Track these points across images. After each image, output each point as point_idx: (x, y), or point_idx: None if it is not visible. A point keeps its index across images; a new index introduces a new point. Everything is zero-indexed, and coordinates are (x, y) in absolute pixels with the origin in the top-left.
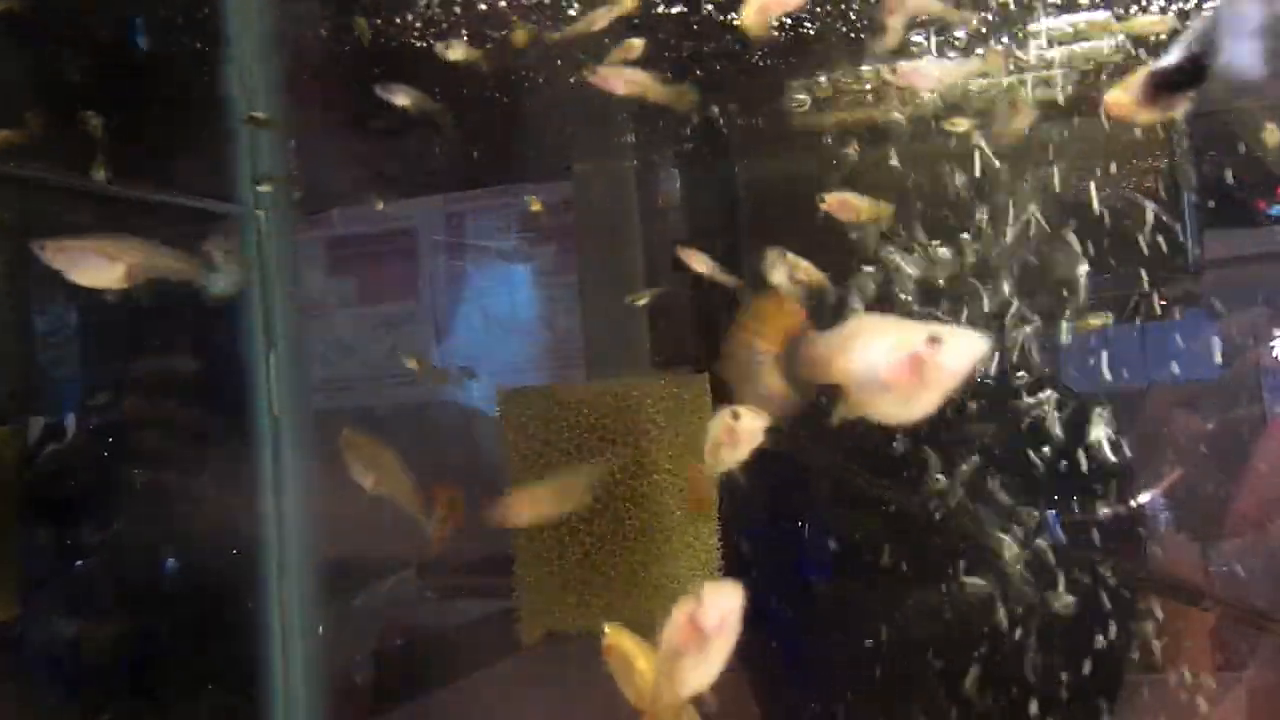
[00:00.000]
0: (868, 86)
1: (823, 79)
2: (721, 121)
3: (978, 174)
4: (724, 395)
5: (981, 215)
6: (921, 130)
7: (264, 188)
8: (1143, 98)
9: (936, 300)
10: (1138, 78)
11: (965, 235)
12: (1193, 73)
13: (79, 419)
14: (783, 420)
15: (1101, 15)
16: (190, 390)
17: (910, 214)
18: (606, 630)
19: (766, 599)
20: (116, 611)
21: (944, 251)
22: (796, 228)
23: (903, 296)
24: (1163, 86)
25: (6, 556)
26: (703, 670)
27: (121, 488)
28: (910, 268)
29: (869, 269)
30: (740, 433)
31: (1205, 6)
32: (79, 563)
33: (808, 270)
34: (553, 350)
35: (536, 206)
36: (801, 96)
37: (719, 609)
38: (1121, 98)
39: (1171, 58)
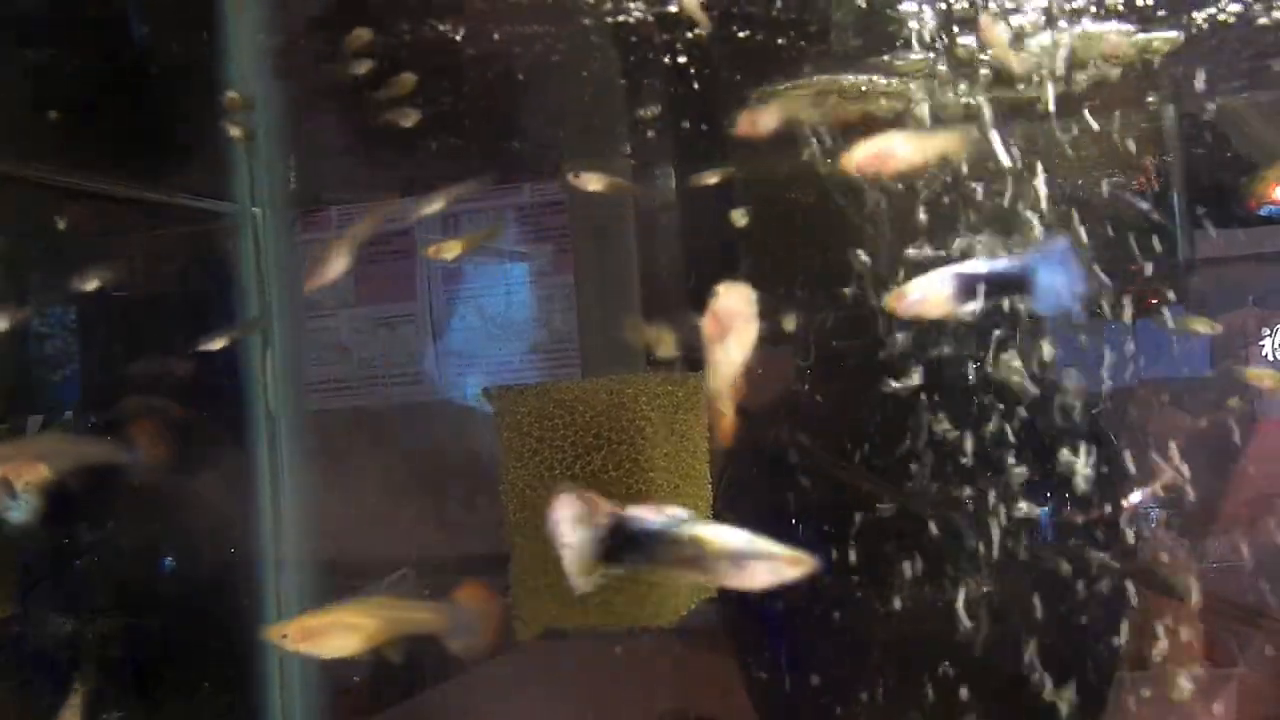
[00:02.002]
0: (864, 88)
1: (821, 77)
2: (718, 120)
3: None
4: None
5: (969, 215)
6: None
7: None
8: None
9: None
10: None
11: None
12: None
13: (76, 418)
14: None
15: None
16: (187, 389)
17: (908, 212)
18: (287, 632)
19: (761, 597)
20: (113, 610)
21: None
22: (794, 225)
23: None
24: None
25: (3, 555)
26: (736, 349)
27: (118, 486)
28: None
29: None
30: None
31: None
32: (76, 561)
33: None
34: (549, 349)
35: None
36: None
37: (727, 304)
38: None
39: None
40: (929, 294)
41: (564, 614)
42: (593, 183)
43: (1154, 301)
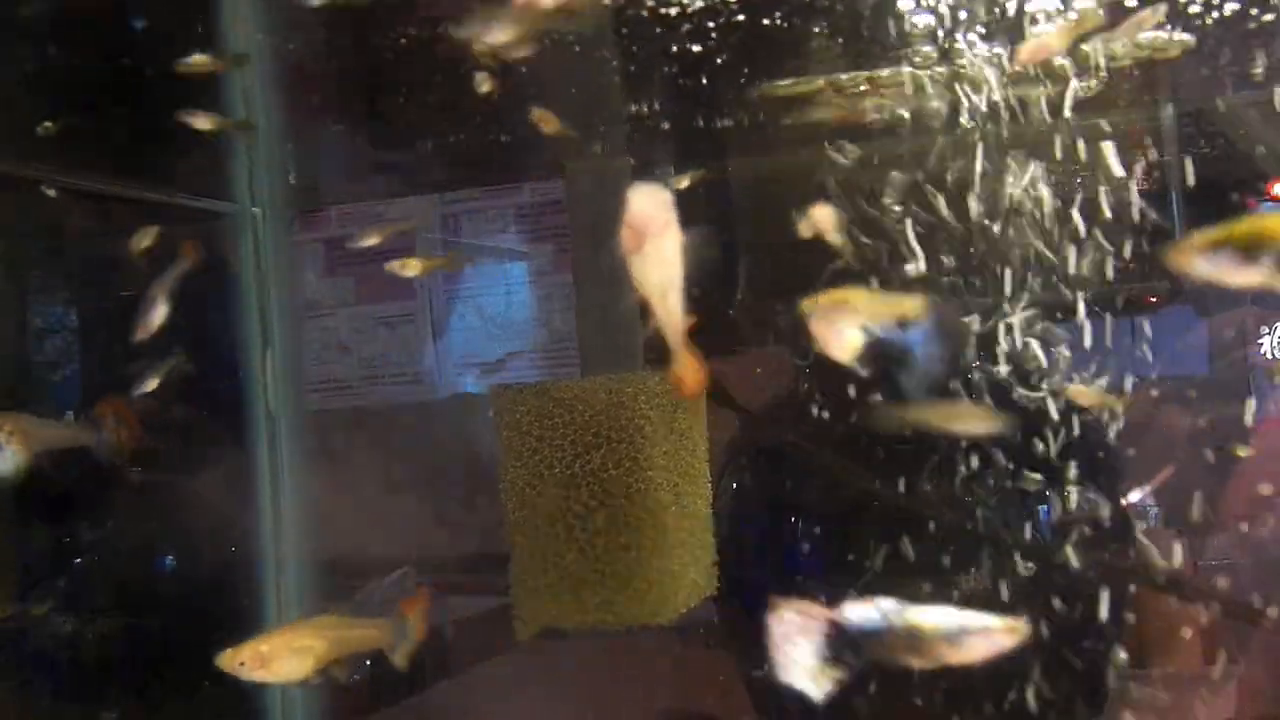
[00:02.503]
0: (862, 86)
1: (818, 76)
2: (716, 119)
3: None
4: (717, 392)
5: (969, 213)
6: (910, 130)
7: None
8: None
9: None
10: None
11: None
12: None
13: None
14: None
15: None
16: (187, 389)
17: (902, 210)
18: (243, 659)
19: (760, 595)
20: (114, 609)
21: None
22: (790, 224)
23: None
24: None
25: (3, 554)
26: (658, 264)
27: (118, 486)
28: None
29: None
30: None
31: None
32: (76, 560)
33: None
34: (548, 348)
35: None
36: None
37: (640, 208)
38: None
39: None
40: (844, 339)
41: (563, 613)
42: (549, 123)
43: (1152, 300)
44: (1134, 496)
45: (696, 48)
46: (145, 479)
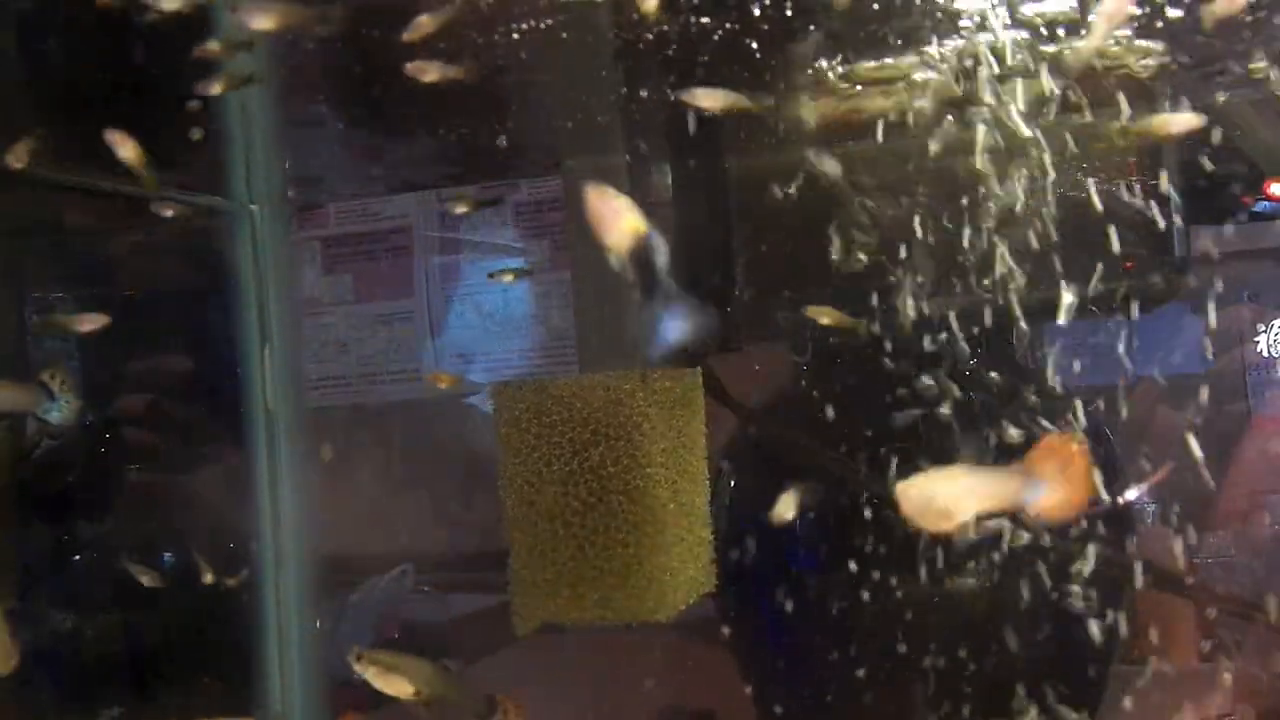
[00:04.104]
0: (859, 84)
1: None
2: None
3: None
4: (715, 388)
5: (968, 210)
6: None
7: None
8: None
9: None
10: None
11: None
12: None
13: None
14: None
15: None
16: (185, 386)
17: (899, 208)
18: None
19: (759, 591)
20: (113, 606)
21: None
22: (789, 223)
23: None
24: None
25: (3, 551)
26: None
27: (118, 483)
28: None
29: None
30: None
31: None
32: (76, 557)
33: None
34: (546, 345)
35: None
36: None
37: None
38: None
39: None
40: (622, 222)
41: (562, 609)
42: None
43: (1150, 299)
44: (1131, 494)
45: (697, 35)
46: (145, 477)
